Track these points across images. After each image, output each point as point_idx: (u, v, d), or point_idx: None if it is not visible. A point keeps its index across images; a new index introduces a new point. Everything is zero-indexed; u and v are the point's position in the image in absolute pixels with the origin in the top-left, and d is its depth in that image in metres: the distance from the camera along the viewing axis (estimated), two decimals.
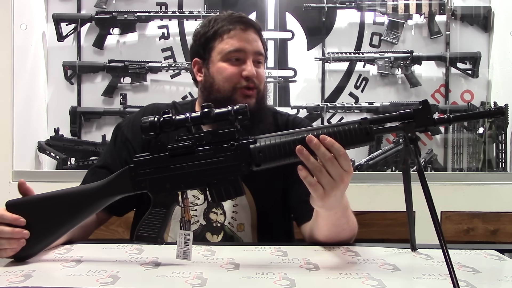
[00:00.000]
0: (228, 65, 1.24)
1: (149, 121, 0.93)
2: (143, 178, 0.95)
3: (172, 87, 2.76)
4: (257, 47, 1.25)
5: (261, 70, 1.27)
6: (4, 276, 0.86)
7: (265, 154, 0.92)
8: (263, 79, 1.27)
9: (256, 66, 1.25)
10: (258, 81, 1.24)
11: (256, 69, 1.24)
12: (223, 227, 1.26)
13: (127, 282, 0.83)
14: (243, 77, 1.22)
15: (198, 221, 1.26)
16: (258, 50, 1.25)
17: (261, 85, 1.26)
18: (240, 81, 1.23)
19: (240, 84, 1.23)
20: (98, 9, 2.68)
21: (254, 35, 1.26)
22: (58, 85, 2.71)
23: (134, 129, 1.28)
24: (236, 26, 1.24)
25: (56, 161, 2.60)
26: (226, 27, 1.24)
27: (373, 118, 0.93)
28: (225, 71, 1.23)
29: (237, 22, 1.25)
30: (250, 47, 1.24)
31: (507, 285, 0.85)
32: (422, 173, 0.84)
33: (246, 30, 1.24)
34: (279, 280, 0.84)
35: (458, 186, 2.30)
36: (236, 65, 1.23)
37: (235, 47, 1.23)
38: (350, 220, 1.11)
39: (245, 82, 1.22)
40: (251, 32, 1.25)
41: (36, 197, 0.99)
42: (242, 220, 1.26)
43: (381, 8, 2.70)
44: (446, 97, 2.75)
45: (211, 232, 1.26)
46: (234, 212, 1.26)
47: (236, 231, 1.26)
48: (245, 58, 1.23)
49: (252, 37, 1.25)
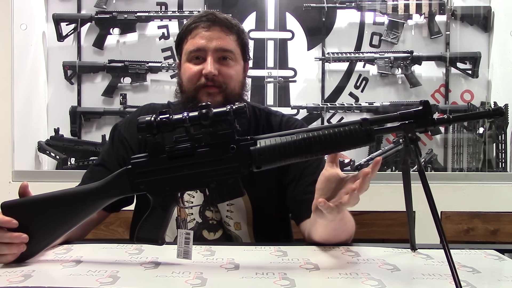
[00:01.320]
0: (190, 65, 1.24)
1: (145, 121, 0.91)
2: (142, 180, 0.95)
3: (172, 87, 2.74)
4: (219, 44, 1.23)
5: (229, 68, 1.24)
6: (4, 276, 0.86)
7: (266, 156, 0.91)
8: (230, 76, 1.24)
9: (221, 63, 1.23)
10: (221, 79, 1.22)
11: (219, 66, 1.22)
12: (221, 224, 1.26)
13: (127, 282, 0.83)
14: (203, 76, 1.22)
15: (194, 219, 1.26)
16: (221, 47, 1.23)
17: (229, 82, 1.23)
18: (200, 80, 1.22)
19: (201, 82, 1.22)
20: (98, 9, 2.68)
21: (220, 32, 1.24)
22: (58, 85, 2.71)
23: (131, 128, 1.29)
24: (199, 25, 1.24)
25: (56, 161, 2.60)
26: (190, 26, 1.25)
27: (373, 118, 0.92)
28: (188, 71, 1.24)
29: (202, 20, 1.24)
30: (211, 44, 1.22)
31: (507, 285, 0.85)
32: (423, 173, 0.84)
33: (209, 28, 1.23)
34: (279, 280, 0.84)
35: (458, 186, 2.30)
36: (197, 64, 1.23)
37: (195, 47, 1.23)
38: (347, 222, 1.10)
39: (205, 80, 1.22)
40: (216, 29, 1.24)
41: (33, 199, 0.97)
42: (238, 219, 1.26)
43: (381, 8, 2.70)
44: (446, 97, 2.75)
45: (208, 229, 1.26)
46: (229, 211, 1.26)
47: (234, 229, 1.26)
48: (205, 56, 1.22)
49: (215, 34, 1.23)
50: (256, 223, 1.27)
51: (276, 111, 1.38)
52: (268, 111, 1.37)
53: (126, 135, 1.30)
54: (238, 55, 1.27)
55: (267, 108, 1.41)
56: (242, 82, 1.28)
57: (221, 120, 0.92)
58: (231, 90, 1.24)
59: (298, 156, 0.92)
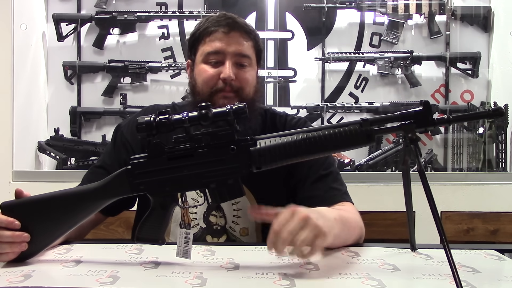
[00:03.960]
0: (207, 67, 1.23)
1: (145, 121, 0.91)
2: (142, 181, 0.94)
3: (172, 87, 2.76)
4: (238, 49, 1.22)
5: (245, 72, 1.24)
6: (4, 276, 0.86)
7: (266, 157, 0.91)
8: (247, 81, 1.23)
9: (238, 69, 1.23)
10: (238, 84, 1.22)
11: (236, 71, 1.22)
12: (225, 230, 1.26)
13: (127, 282, 0.83)
14: (221, 79, 1.21)
15: (198, 224, 1.26)
16: (240, 52, 1.23)
17: (245, 87, 1.23)
18: (217, 84, 1.21)
19: (218, 86, 1.21)
20: (98, 9, 2.68)
21: (239, 37, 1.23)
22: (58, 85, 2.71)
23: (133, 130, 1.28)
24: (219, 28, 1.23)
25: (56, 161, 2.60)
26: (209, 29, 1.24)
27: (373, 118, 0.92)
28: (204, 73, 1.23)
29: (221, 24, 1.23)
30: (230, 49, 1.22)
31: (507, 285, 0.86)
32: (423, 174, 0.84)
33: (229, 32, 1.23)
34: (279, 280, 0.84)
35: (458, 186, 2.30)
36: (215, 67, 1.22)
37: (213, 49, 1.22)
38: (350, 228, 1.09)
39: (223, 85, 1.21)
40: (235, 34, 1.23)
41: (33, 199, 0.97)
42: (245, 224, 1.25)
43: (381, 8, 2.70)
44: (446, 97, 2.75)
45: (212, 235, 1.26)
46: (236, 216, 1.25)
47: (239, 235, 1.25)
48: (223, 60, 1.22)
49: (234, 40, 1.23)
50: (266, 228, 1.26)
51: (280, 112, 1.38)
52: (273, 112, 1.37)
53: (128, 137, 1.29)
54: (254, 61, 1.27)
55: (271, 108, 1.41)
56: (256, 87, 1.28)
57: (221, 120, 0.92)
58: (246, 95, 1.23)
59: (298, 157, 0.92)
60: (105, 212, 1.23)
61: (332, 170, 1.25)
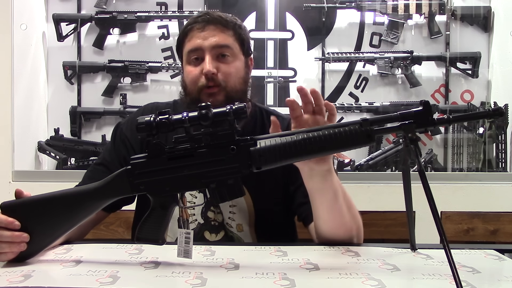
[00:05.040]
0: (191, 67, 1.23)
1: (145, 121, 0.91)
2: (142, 181, 0.94)
3: (172, 87, 2.76)
4: (214, 41, 1.21)
5: (228, 64, 1.22)
6: (4, 276, 0.86)
7: (266, 157, 0.91)
8: (230, 73, 1.22)
9: (220, 61, 1.22)
10: (222, 77, 1.21)
11: (218, 64, 1.21)
12: (223, 226, 1.26)
13: (127, 282, 0.83)
14: (203, 75, 1.20)
15: (196, 220, 1.26)
16: (217, 43, 1.21)
17: (229, 79, 1.22)
18: (200, 80, 1.21)
19: (202, 83, 1.21)
20: (98, 9, 2.68)
21: (214, 30, 1.22)
22: (58, 85, 2.71)
23: (133, 128, 1.27)
24: (194, 26, 1.23)
25: (56, 161, 2.60)
26: (186, 28, 1.25)
27: (373, 118, 0.92)
28: (189, 74, 1.23)
29: (197, 21, 1.24)
30: (206, 43, 1.21)
31: (507, 285, 0.85)
32: (423, 174, 0.84)
33: (204, 27, 1.23)
34: (279, 280, 0.84)
35: (458, 186, 2.30)
36: (197, 64, 1.22)
37: (192, 47, 1.22)
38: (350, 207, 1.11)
39: (206, 81, 1.20)
40: (210, 28, 1.23)
41: (33, 199, 0.97)
42: (240, 221, 1.26)
43: (381, 8, 2.70)
44: (446, 97, 2.75)
45: (210, 230, 1.26)
46: (231, 213, 1.26)
47: (236, 231, 1.26)
48: (203, 56, 1.21)
49: (210, 33, 1.22)
50: (258, 225, 1.27)
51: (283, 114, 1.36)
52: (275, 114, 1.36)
53: (128, 134, 1.30)
54: (237, 50, 1.25)
55: (275, 111, 1.40)
56: (244, 78, 1.26)
57: (221, 120, 0.92)
58: (232, 88, 1.22)
59: (298, 157, 0.92)
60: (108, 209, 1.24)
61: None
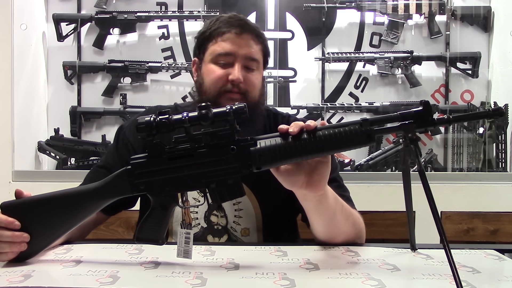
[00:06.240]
0: (216, 68, 1.23)
1: (145, 121, 0.91)
2: (142, 181, 0.94)
3: (172, 87, 2.76)
4: (248, 52, 1.22)
5: (252, 76, 1.24)
6: (4, 276, 0.86)
7: (266, 157, 0.91)
8: (254, 85, 1.24)
9: (246, 72, 1.23)
10: (245, 86, 1.22)
11: (244, 74, 1.22)
12: (226, 230, 1.26)
13: (127, 282, 0.83)
14: (229, 81, 1.21)
15: (199, 224, 1.26)
16: (250, 55, 1.23)
17: (251, 90, 1.23)
18: (225, 85, 1.21)
19: (226, 87, 1.21)
20: (98, 9, 2.68)
21: (250, 40, 1.23)
22: (58, 85, 2.71)
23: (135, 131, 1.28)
24: (231, 30, 1.23)
25: (56, 161, 2.60)
26: (221, 29, 1.23)
27: (373, 118, 0.92)
28: (212, 73, 1.23)
29: (233, 25, 1.23)
30: (241, 51, 1.22)
31: (507, 285, 0.86)
32: (423, 173, 0.84)
33: (241, 34, 1.23)
34: (279, 280, 0.84)
35: (458, 186, 2.30)
36: (224, 68, 1.22)
37: (224, 50, 1.22)
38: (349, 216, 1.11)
39: (231, 86, 1.21)
40: (246, 37, 1.23)
41: (33, 199, 0.97)
42: (246, 225, 1.25)
43: (381, 8, 2.70)
44: (446, 97, 2.75)
45: (213, 234, 1.25)
46: (237, 217, 1.25)
47: (240, 235, 1.25)
48: (233, 62, 1.22)
49: (245, 42, 1.23)
50: (266, 229, 1.26)
51: (282, 112, 1.38)
52: (275, 112, 1.37)
53: (130, 138, 1.29)
54: (261, 64, 1.27)
55: (274, 108, 1.41)
56: (261, 90, 1.28)
57: (221, 120, 0.92)
58: (252, 98, 1.23)
59: (298, 157, 0.92)
60: (108, 212, 1.23)
61: (335, 176, 1.24)
